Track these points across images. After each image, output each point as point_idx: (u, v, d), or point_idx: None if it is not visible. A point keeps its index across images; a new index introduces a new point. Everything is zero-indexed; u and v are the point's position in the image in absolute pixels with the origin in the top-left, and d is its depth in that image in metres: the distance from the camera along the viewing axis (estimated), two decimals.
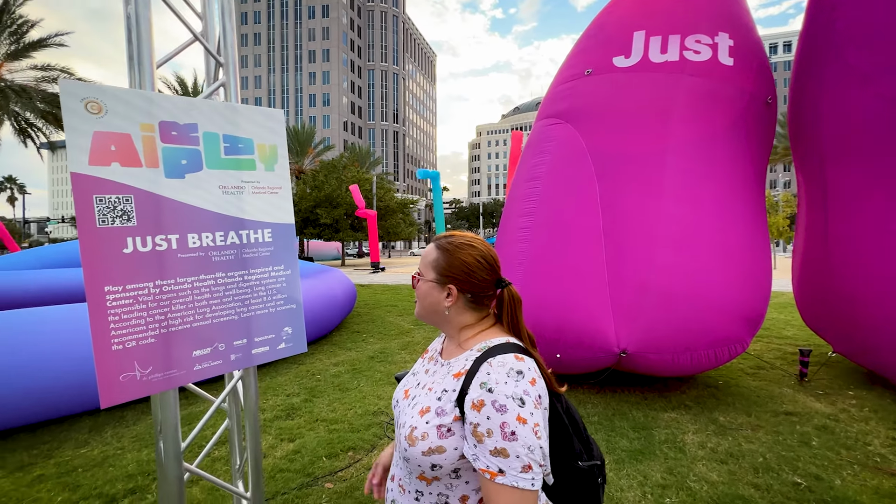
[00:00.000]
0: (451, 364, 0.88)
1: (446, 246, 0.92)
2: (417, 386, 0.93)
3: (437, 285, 0.90)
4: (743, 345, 3.26)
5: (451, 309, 0.90)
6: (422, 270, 0.94)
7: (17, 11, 15.89)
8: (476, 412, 0.74)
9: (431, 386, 0.88)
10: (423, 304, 0.94)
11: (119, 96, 1.14)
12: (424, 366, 1.00)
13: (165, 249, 1.21)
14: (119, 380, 1.14)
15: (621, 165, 3.53)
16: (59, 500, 2.36)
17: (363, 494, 2.36)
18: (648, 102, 3.55)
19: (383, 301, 9.93)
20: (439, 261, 0.91)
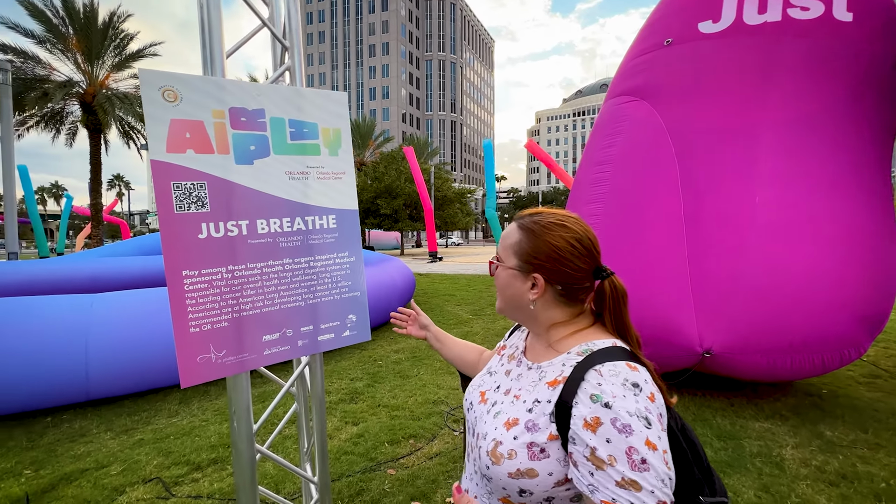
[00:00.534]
0: (543, 369, 0.74)
1: (531, 226, 0.76)
2: (497, 389, 0.80)
3: (519, 274, 0.76)
4: (859, 350, 2.80)
5: (538, 303, 0.75)
6: (501, 255, 0.80)
7: (119, 27, 17.87)
8: (590, 433, 0.60)
9: (518, 393, 0.74)
10: (503, 296, 0.81)
11: (192, 83, 1.15)
12: (504, 365, 0.86)
13: (236, 235, 1.22)
14: (197, 361, 1.17)
15: (707, 144, 3.15)
16: (155, 463, 2.61)
17: (425, 483, 2.35)
18: (742, 71, 3.12)
19: (441, 290, 10.00)
20: (522, 244, 0.76)
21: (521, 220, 0.79)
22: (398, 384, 3.91)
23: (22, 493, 2.28)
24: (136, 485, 2.38)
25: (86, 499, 2.26)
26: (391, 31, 71.61)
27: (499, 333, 5.79)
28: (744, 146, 3.06)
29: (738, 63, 3.15)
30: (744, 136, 3.07)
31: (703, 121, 3.19)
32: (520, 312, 0.80)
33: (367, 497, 2.24)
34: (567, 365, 0.70)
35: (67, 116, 18.31)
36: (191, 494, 2.29)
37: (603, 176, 3.52)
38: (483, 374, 0.90)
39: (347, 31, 74.24)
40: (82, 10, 16.57)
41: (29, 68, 16.10)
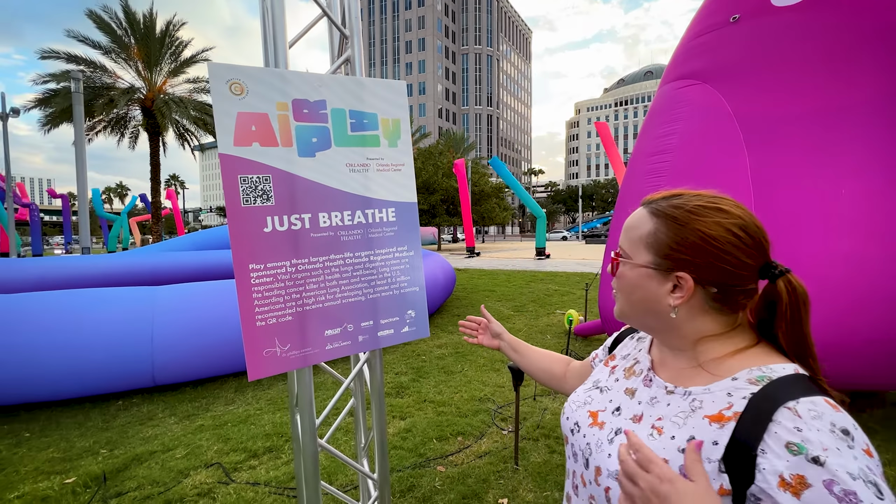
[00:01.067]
0: (697, 396, 0.57)
1: (671, 211, 0.60)
2: (617, 412, 0.66)
3: (655, 272, 0.60)
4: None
5: (682, 310, 0.59)
6: (626, 248, 0.64)
7: (175, 35, 18.97)
8: (791, 497, 0.45)
9: (659, 424, 0.58)
10: (629, 300, 0.64)
11: (257, 76, 1.15)
12: (619, 381, 0.71)
13: (299, 229, 1.21)
14: (263, 355, 1.17)
15: (782, 130, 2.86)
16: (215, 448, 2.72)
17: (476, 483, 2.30)
18: (823, 47, 2.81)
19: (481, 286, 9.92)
20: (660, 234, 0.60)
21: (655, 204, 0.63)
22: (443, 380, 3.89)
23: (99, 471, 2.44)
24: (199, 469, 2.49)
25: (155, 479, 2.38)
26: (427, 26, 71.72)
27: (542, 330, 5.65)
28: (824, 130, 2.76)
29: (819, 38, 2.84)
30: (825, 118, 2.77)
31: (777, 105, 2.90)
32: (653, 320, 0.63)
33: (418, 493, 2.23)
34: (736, 395, 0.53)
35: (130, 121, 19.69)
36: (249, 481, 2.36)
37: (660, 167, 3.31)
38: (588, 389, 0.75)
39: (384, 28, 75.11)
40: (142, 20, 17.69)
41: (97, 77, 17.42)
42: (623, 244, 0.66)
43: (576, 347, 4.76)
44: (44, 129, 17.53)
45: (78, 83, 11.32)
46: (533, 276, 11.71)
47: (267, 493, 2.26)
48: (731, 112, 3.04)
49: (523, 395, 3.45)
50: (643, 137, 3.63)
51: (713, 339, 0.60)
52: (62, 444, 2.80)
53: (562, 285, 9.74)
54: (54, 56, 15.99)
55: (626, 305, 0.66)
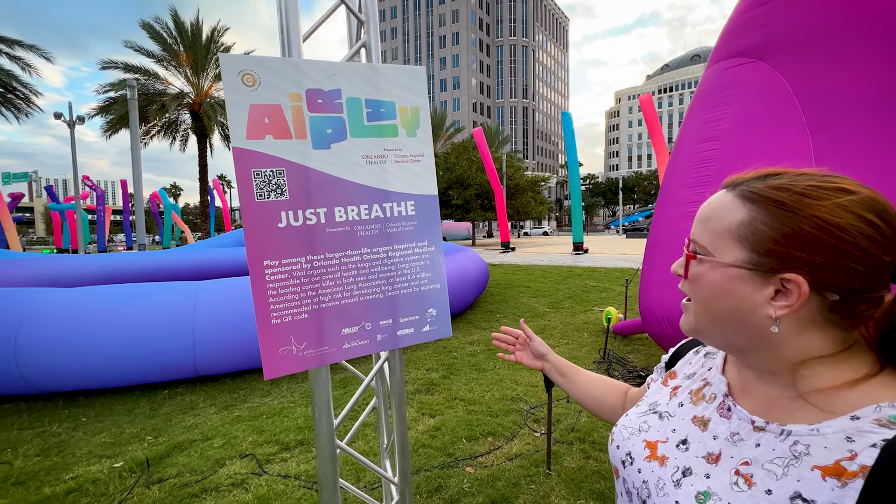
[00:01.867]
0: (801, 440, 0.44)
1: (776, 194, 0.46)
2: (683, 447, 0.53)
3: (752, 274, 0.46)
4: None
5: (786, 323, 0.46)
6: (706, 243, 0.50)
7: (219, 41, 19.87)
8: None
9: (746, 471, 0.46)
10: (710, 310, 0.50)
11: (268, 66, 1.11)
12: (683, 406, 0.59)
13: (314, 224, 1.17)
14: (279, 353, 1.14)
15: (852, 110, 2.54)
16: (250, 439, 2.79)
17: (505, 486, 2.22)
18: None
19: (515, 281, 9.74)
20: (759, 224, 0.46)
21: (747, 184, 0.48)
22: (474, 377, 3.81)
23: (144, 457, 2.57)
24: (234, 459, 2.56)
25: (193, 467, 2.47)
26: (461, 19, 71.19)
27: (579, 328, 5.44)
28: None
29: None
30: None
31: (848, 82, 2.58)
32: (741, 336, 0.49)
33: (445, 494, 2.17)
34: (861, 442, 0.40)
35: (180, 124, 20.88)
36: (280, 473, 2.40)
37: (709, 155, 3.04)
38: (644, 414, 0.63)
39: (419, 24, 75.28)
40: (190, 28, 18.65)
41: (150, 84, 18.57)
42: (699, 237, 0.51)
43: (614, 347, 4.54)
44: (105, 135, 18.93)
45: (133, 90, 12.09)
46: (570, 271, 11.37)
47: (297, 486, 2.28)
48: (792, 91, 2.74)
49: (557, 396, 3.32)
50: (688, 124, 3.37)
51: (822, 363, 0.46)
52: (113, 430, 2.97)
53: (600, 281, 9.39)
54: (113, 66, 17.18)
55: (705, 317, 0.51)
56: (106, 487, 2.31)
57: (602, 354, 4.26)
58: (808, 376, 0.47)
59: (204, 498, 2.21)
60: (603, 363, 4.03)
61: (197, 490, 2.27)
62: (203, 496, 2.22)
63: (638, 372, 3.74)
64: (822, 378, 0.46)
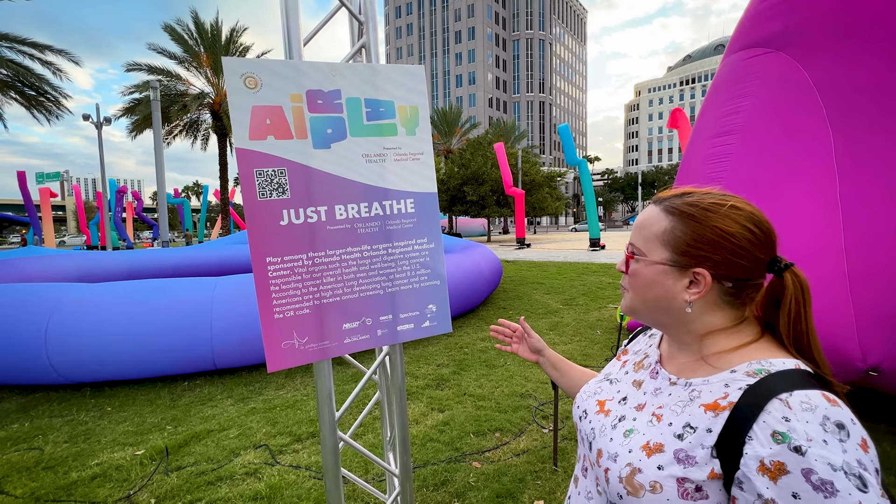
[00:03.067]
0: (696, 387, 0.59)
1: (687, 209, 0.61)
2: (623, 402, 0.69)
3: (672, 269, 0.61)
4: None
5: (696, 305, 0.61)
6: (640, 245, 0.65)
7: (238, 41, 20.25)
8: (768, 480, 0.47)
9: (658, 412, 0.61)
10: (643, 296, 0.65)
11: (270, 68, 1.14)
12: (629, 373, 0.74)
13: (315, 222, 1.20)
14: (281, 347, 1.18)
15: (875, 103, 2.44)
16: (264, 431, 2.88)
17: (511, 482, 2.23)
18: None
19: (529, 278, 9.69)
20: (677, 231, 0.61)
21: (668, 201, 0.64)
22: (484, 373, 3.83)
23: (163, 446, 2.67)
24: (248, 449, 2.64)
25: (209, 457, 2.57)
26: (477, 14, 70.63)
27: (592, 325, 5.39)
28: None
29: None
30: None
31: (870, 74, 2.47)
32: (665, 316, 0.64)
33: (451, 488, 2.20)
34: (733, 387, 0.55)
35: (201, 124, 21.39)
36: (292, 464, 2.47)
37: (724, 150, 2.97)
38: (599, 380, 0.79)
39: (434, 20, 75.03)
40: (210, 29, 19.04)
41: (172, 85, 19.06)
42: (636, 242, 0.66)
43: None
44: (131, 136, 19.55)
45: (156, 91, 12.45)
46: (585, 268, 11.24)
47: (307, 476, 2.35)
48: (812, 83, 2.65)
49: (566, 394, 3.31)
50: (704, 116, 3.29)
51: (720, 333, 0.62)
52: (136, 419, 3.10)
53: (616, 278, 9.25)
54: (137, 68, 17.71)
55: (639, 302, 0.66)
56: (128, 474, 2.42)
57: (614, 352, 4.22)
58: (708, 344, 0.62)
59: (219, 486, 2.29)
60: None
61: (213, 478, 2.35)
62: (218, 484, 2.31)
63: None
64: (718, 345, 0.61)
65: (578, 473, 0.75)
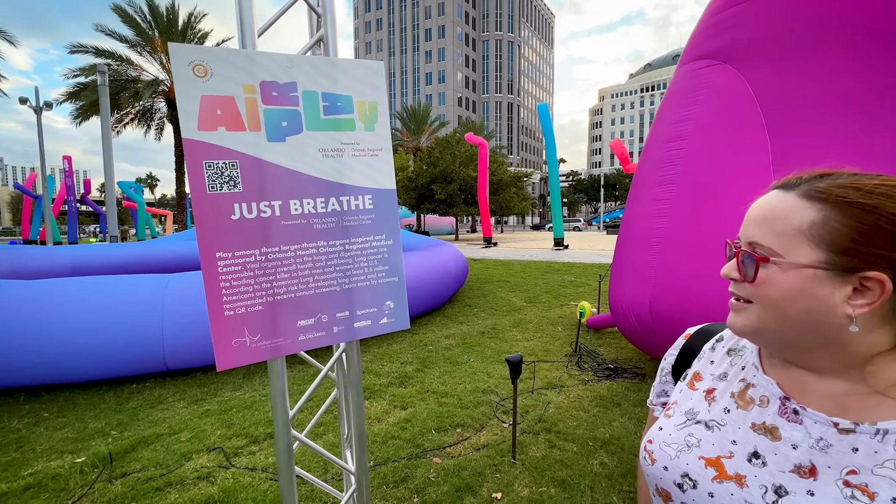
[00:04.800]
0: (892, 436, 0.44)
1: (847, 194, 0.45)
2: (756, 460, 0.50)
3: (829, 274, 0.45)
4: None
5: (862, 320, 0.45)
6: (772, 244, 0.48)
7: (196, 27, 19.28)
8: None
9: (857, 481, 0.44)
10: (781, 312, 0.48)
11: (222, 57, 1.10)
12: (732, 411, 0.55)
13: (269, 216, 1.18)
14: (232, 345, 1.15)
15: (809, 114, 2.65)
16: (219, 433, 2.77)
17: (471, 475, 2.27)
18: (861, 21, 2.57)
19: (495, 276, 9.82)
20: (832, 224, 0.45)
21: (809, 184, 0.48)
22: (448, 370, 3.86)
23: (107, 451, 2.52)
24: (202, 452, 2.54)
25: (159, 462, 2.45)
26: (447, 13, 70.67)
27: (553, 322, 5.54)
28: (855, 114, 2.54)
29: (858, 9, 2.60)
30: (856, 101, 2.55)
31: (803, 87, 2.68)
32: (809, 335, 0.48)
33: (411, 484, 2.21)
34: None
35: (156, 113, 20.24)
36: (247, 466, 2.40)
37: (675, 154, 3.14)
38: (685, 425, 0.57)
39: (404, 16, 74.42)
40: (165, 13, 18.03)
41: (123, 70, 17.92)
42: (763, 239, 0.49)
43: (586, 341, 4.65)
44: (75, 122, 18.22)
45: (104, 76, 11.66)
46: (549, 266, 11.53)
47: (264, 478, 2.29)
48: (753, 95, 2.85)
49: (528, 388, 3.40)
50: (659, 122, 3.46)
51: (888, 356, 0.46)
52: (76, 425, 2.91)
53: (578, 276, 9.55)
54: (83, 50, 16.51)
55: (774, 320, 0.49)
56: (66, 483, 2.27)
57: (574, 348, 4.36)
58: (877, 371, 0.46)
59: (168, 491, 2.19)
60: (574, 356, 4.13)
61: (161, 484, 2.25)
62: (167, 490, 2.21)
63: (607, 364, 3.84)
64: (890, 372, 0.46)
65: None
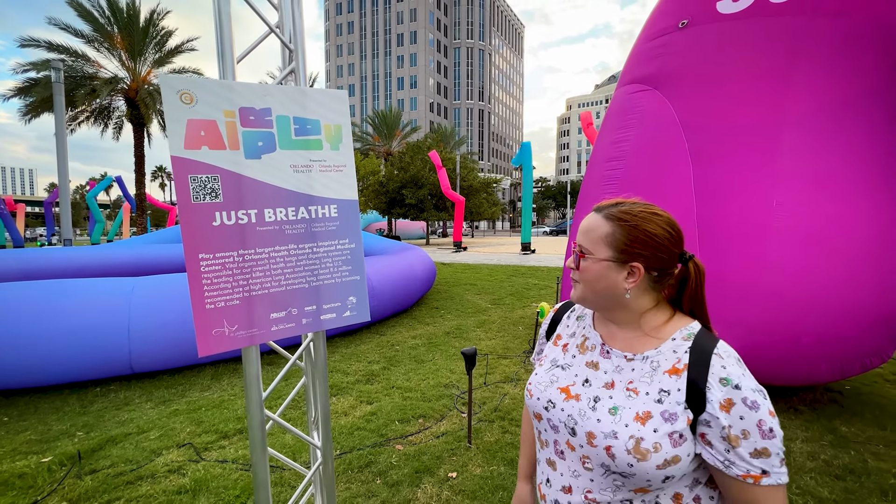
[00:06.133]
0: (653, 359, 0.76)
1: (623, 216, 0.78)
2: (587, 384, 0.80)
3: (615, 265, 0.77)
4: (882, 357, 2.69)
5: (633, 291, 0.78)
6: (588, 247, 0.80)
7: (160, 24, 18.70)
8: (726, 413, 0.66)
9: (632, 386, 0.75)
10: (592, 288, 0.80)
11: (206, 86, 1.29)
12: (576, 357, 0.86)
13: (246, 223, 1.36)
14: (212, 334, 1.33)
15: (723, 142, 2.99)
16: (188, 430, 2.86)
17: (430, 459, 2.48)
18: (764, 58, 2.97)
19: (463, 279, 10.10)
20: (617, 235, 0.77)
21: (608, 210, 0.81)
22: (413, 368, 4.06)
23: (74, 451, 2.58)
24: (171, 448, 2.64)
25: (128, 458, 2.53)
26: (419, 19, 71.18)
27: (515, 322, 5.86)
28: (764, 144, 2.90)
29: (761, 48, 3.00)
30: (765, 132, 2.90)
31: (719, 116, 3.04)
32: (610, 302, 0.80)
33: (374, 469, 2.41)
34: (680, 352, 0.74)
35: (114, 111, 19.42)
36: (218, 459, 2.52)
37: (614, 174, 3.42)
38: (550, 369, 0.88)
39: (376, 20, 74.36)
40: (125, 9, 17.41)
41: (79, 66, 17.13)
42: (583, 243, 0.81)
43: None
44: (24, 119, 17.24)
45: (58, 73, 11.19)
46: (515, 270, 11.93)
47: (234, 469, 2.42)
48: (679, 121, 3.18)
49: (488, 381, 3.65)
50: (600, 142, 3.76)
51: (651, 312, 0.80)
52: (40, 428, 2.92)
53: (542, 279, 9.98)
54: (34, 44, 15.70)
55: (590, 292, 0.81)
56: (34, 480, 2.32)
57: (531, 345, 4.67)
58: (648, 321, 0.80)
59: (140, 485, 2.29)
60: (531, 352, 4.43)
61: (132, 478, 2.34)
62: (139, 483, 2.30)
63: None
64: (653, 321, 0.80)
65: (553, 457, 0.83)
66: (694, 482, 0.74)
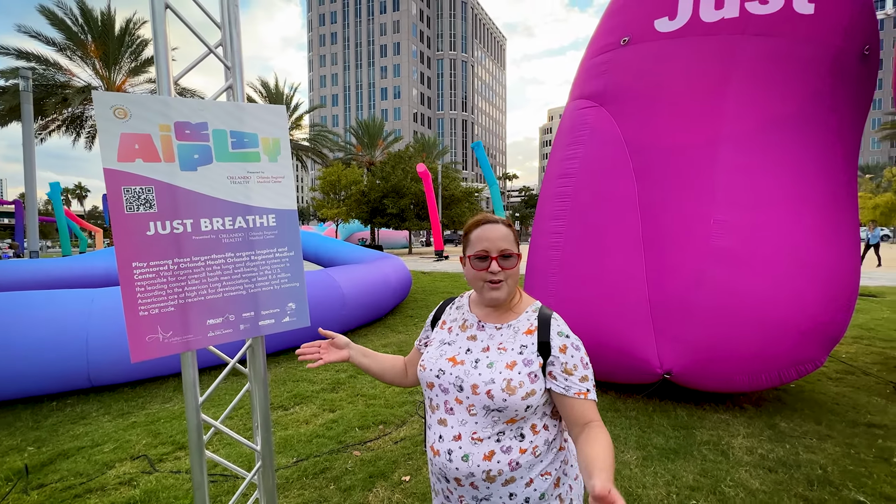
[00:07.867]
0: (514, 325, 1.05)
1: (507, 221, 1.08)
2: (469, 352, 1.05)
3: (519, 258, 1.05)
4: (815, 363, 2.84)
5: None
6: (513, 249, 1.04)
7: (135, 34, 18.50)
8: (564, 354, 0.98)
9: (501, 345, 1.03)
10: (515, 281, 1.05)
11: (141, 102, 1.35)
12: (459, 334, 1.10)
13: (181, 232, 1.41)
14: (146, 340, 1.36)
15: (663, 160, 3.10)
16: (144, 442, 2.84)
17: (385, 464, 2.52)
18: (699, 78, 3.13)
19: (441, 288, 10.16)
20: (513, 235, 1.06)
21: (497, 220, 1.08)
22: None
23: (22, 465, 2.53)
24: (125, 461, 2.61)
25: (79, 472, 2.49)
26: (402, 30, 71.94)
27: None
28: (698, 162, 3.01)
29: (696, 67, 3.14)
30: (698, 151, 3.03)
31: (660, 134, 3.14)
32: (514, 288, 1.07)
33: (329, 475, 2.43)
34: (532, 319, 1.05)
35: (87, 120, 19.02)
36: (172, 470, 2.51)
37: (565, 191, 3.47)
38: (438, 347, 1.11)
39: (359, 31, 74.84)
40: (100, 18, 17.19)
41: (50, 75, 16.78)
42: (508, 246, 1.04)
43: None
44: None
45: (27, 81, 10.96)
46: None
47: (187, 479, 2.41)
48: (623, 138, 3.28)
49: None
50: (553, 157, 3.77)
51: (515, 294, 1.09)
52: None
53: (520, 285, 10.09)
54: (3, 52, 15.34)
55: (512, 286, 1.05)
56: None
57: None
58: (513, 300, 1.08)
59: (88, 497, 2.26)
60: None
61: (81, 491, 2.31)
62: (87, 496, 2.28)
63: None
64: (517, 299, 1.09)
65: (444, 416, 1.02)
66: (542, 415, 1.01)
